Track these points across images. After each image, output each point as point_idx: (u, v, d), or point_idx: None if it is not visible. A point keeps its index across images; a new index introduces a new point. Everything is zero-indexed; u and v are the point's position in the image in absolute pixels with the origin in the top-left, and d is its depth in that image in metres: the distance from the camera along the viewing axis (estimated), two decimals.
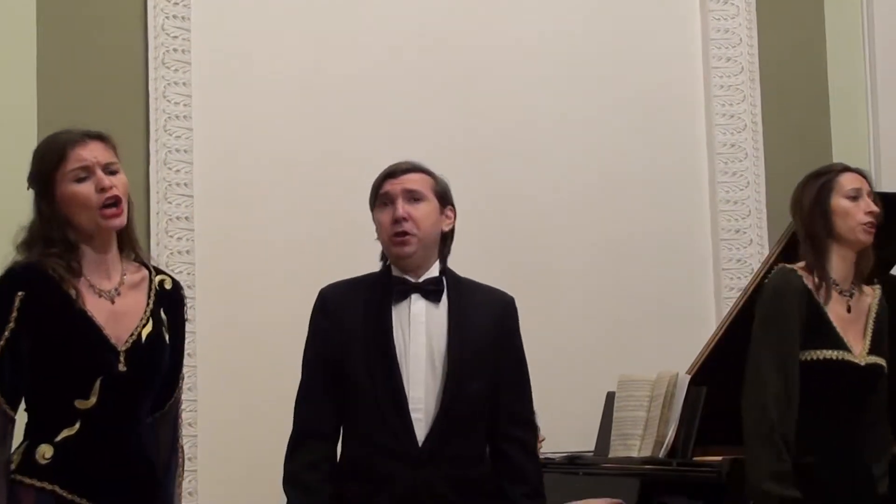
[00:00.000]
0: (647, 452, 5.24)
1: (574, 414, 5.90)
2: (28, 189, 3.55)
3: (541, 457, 5.35)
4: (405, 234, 3.90)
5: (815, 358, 4.17)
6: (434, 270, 4.00)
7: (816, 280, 4.25)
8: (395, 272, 3.97)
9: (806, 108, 6.88)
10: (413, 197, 3.95)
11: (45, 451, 3.39)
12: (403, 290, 3.94)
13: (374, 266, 4.11)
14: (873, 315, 4.34)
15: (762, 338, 4.25)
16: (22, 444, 3.45)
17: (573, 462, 5.61)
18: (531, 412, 4.13)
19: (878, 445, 4.31)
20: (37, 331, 3.40)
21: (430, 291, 3.96)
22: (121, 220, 3.49)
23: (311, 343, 3.98)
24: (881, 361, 4.29)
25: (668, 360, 5.41)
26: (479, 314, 3.98)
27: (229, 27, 5.97)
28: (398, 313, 3.92)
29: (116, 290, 3.52)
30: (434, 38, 6.33)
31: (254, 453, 5.62)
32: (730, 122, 6.74)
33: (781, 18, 6.87)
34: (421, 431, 3.83)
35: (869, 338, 4.30)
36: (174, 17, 5.80)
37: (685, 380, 5.08)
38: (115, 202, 3.46)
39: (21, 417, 3.49)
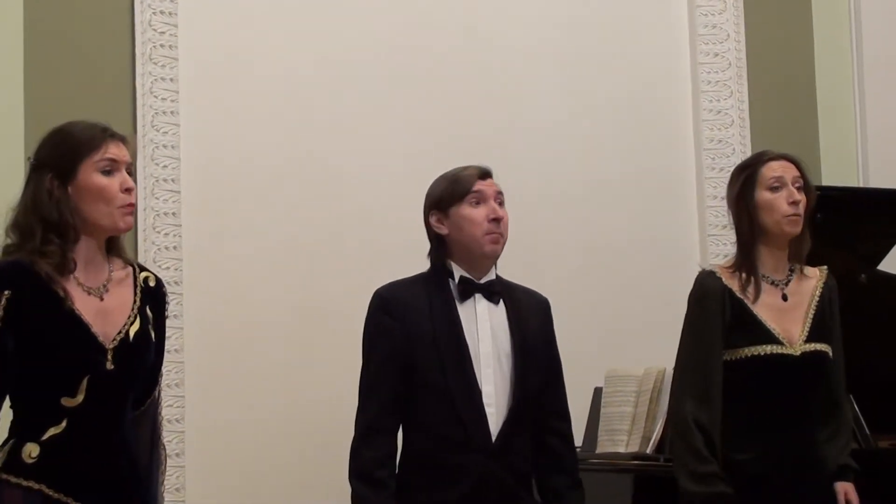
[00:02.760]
0: (634, 448, 5.28)
1: None
2: (34, 166, 3.47)
3: None
4: (500, 234, 4.07)
5: (742, 356, 4.16)
6: (492, 273, 4.15)
7: (743, 277, 4.23)
8: (461, 272, 4.08)
9: (793, 104, 6.87)
10: (501, 200, 4.13)
11: (32, 450, 3.37)
12: (468, 290, 4.06)
13: (363, 262, 4.13)
14: (816, 300, 4.30)
15: (684, 342, 4.27)
16: (7, 442, 3.42)
17: None
18: (568, 406, 4.28)
19: (832, 432, 4.27)
20: (23, 330, 3.36)
21: (493, 293, 4.09)
22: (129, 225, 3.50)
23: (376, 341, 4.05)
24: (822, 347, 4.25)
25: (655, 355, 5.39)
26: (530, 315, 4.17)
27: (216, 23, 5.95)
28: (464, 312, 4.04)
29: (104, 286, 3.50)
30: (423, 40, 6.32)
31: (241, 448, 5.64)
32: (717, 118, 6.72)
33: (769, 14, 6.87)
34: (494, 425, 3.95)
35: (809, 324, 4.26)
36: (161, 12, 5.77)
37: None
38: (132, 206, 3.47)
39: (5, 416, 3.47)
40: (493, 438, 3.94)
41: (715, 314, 4.19)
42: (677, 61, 6.83)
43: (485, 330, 4.04)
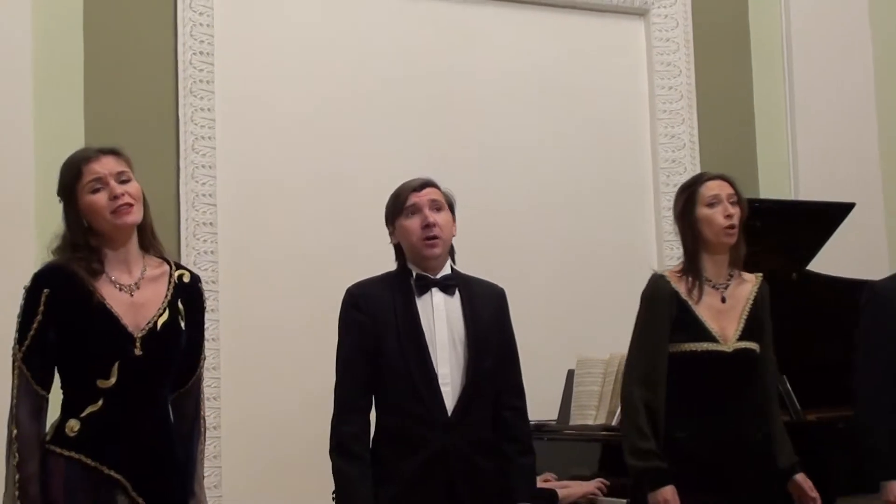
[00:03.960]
0: (601, 421, 5.28)
1: (539, 389, 5.78)
2: (59, 202, 3.54)
3: None
4: (435, 237, 3.98)
5: (683, 350, 4.13)
6: (447, 268, 4.08)
7: (689, 281, 4.21)
8: (417, 270, 4.03)
9: (735, 130, 6.86)
10: (436, 207, 4.04)
11: (74, 425, 3.39)
12: (425, 285, 4.01)
13: (373, 265, 4.13)
14: (750, 303, 4.27)
15: (636, 335, 4.24)
16: (56, 419, 3.44)
17: (539, 430, 5.57)
18: (522, 383, 4.20)
19: (761, 415, 4.25)
20: (61, 322, 3.39)
21: (448, 286, 4.03)
22: (133, 217, 3.49)
23: (348, 333, 4.01)
24: (752, 346, 4.22)
25: (618, 343, 5.33)
26: (483, 304, 4.08)
27: (246, 62, 5.91)
28: (422, 305, 4.00)
29: (136, 284, 3.51)
30: (423, 76, 6.29)
31: (269, 422, 5.62)
32: (671, 142, 6.72)
33: (715, 54, 6.85)
34: (450, 402, 3.91)
35: (742, 324, 4.23)
36: (200, 52, 5.75)
37: None
38: (127, 205, 3.45)
39: (58, 396, 3.48)
40: (450, 413, 3.90)
41: (662, 313, 4.17)
42: (637, 93, 6.81)
43: (440, 319, 3.99)
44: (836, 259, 5.74)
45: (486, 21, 6.51)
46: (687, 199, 4.27)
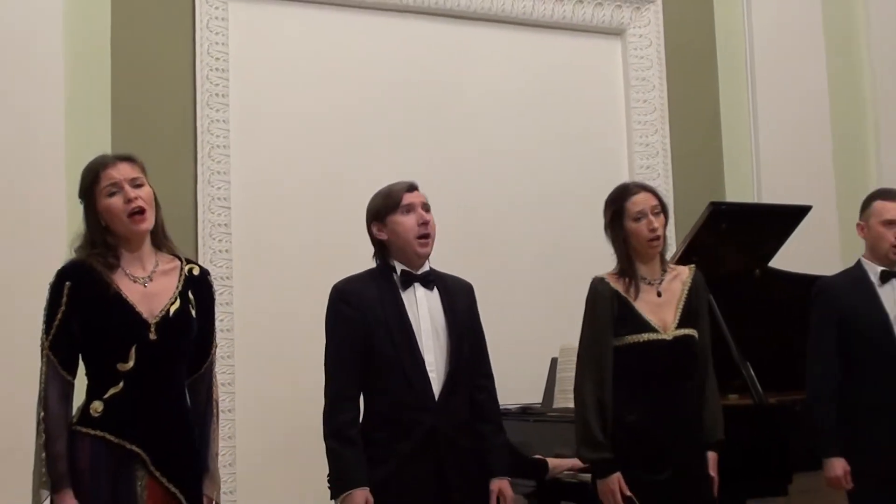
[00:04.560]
0: None
1: (526, 375, 5.87)
2: (80, 203, 3.58)
3: (503, 408, 5.46)
4: (428, 235, 3.99)
5: (627, 342, 4.13)
6: (427, 265, 4.06)
7: (626, 281, 4.22)
8: (401, 266, 4.02)
9: (703, 139, 6.88)
10: (427, 208, 4.04)
11: (97, 406, 3.42)
12: (408, 281, 4.00)
13: (370, 262, 4.15)
14: (685, 293, 4.26)
15: (583, 335, 4.25)
16: (82, 402, 3.47)
17: (526, 412, 5.64)
18: (491, 368, 4.19)
19: (698, 395, 4.25)
20: (83, 311, 3.43)
21: (429, 281, 4.03)
22: (147, 224, 3.52)
23: (338, 326, 3.98)
24: (689, 332, 4.21)
25: None
26: (457, 297, 4.07)
27: (257, 77, 5.94)
28: (407, 299, 3.99)
29: (149, 277, 3.54)
30: (420, 89, 6.31)
31: (279, 405, 5.65)
32: (645, 150, 6.75)
33: (685, 70, 6.87)
34: (436, 387, 3.91)
35: (679, 313, 4.22)
36: (216, 70, 5.78)
37: None
38: (140, 210, 3.48)
39: (82, 382, 3.51)
40: (437, 398, 3.90)
41: (605, 312, 4.18)
42: (615, 105, 6.83)
43: (424, 311, 3.98)
44: (794, 256, 5.75)
45: (478, 39, 6.52)
46: (614, 214, 4.29)
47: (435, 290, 4.05)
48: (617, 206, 4.29)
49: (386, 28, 6.31)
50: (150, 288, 3.54)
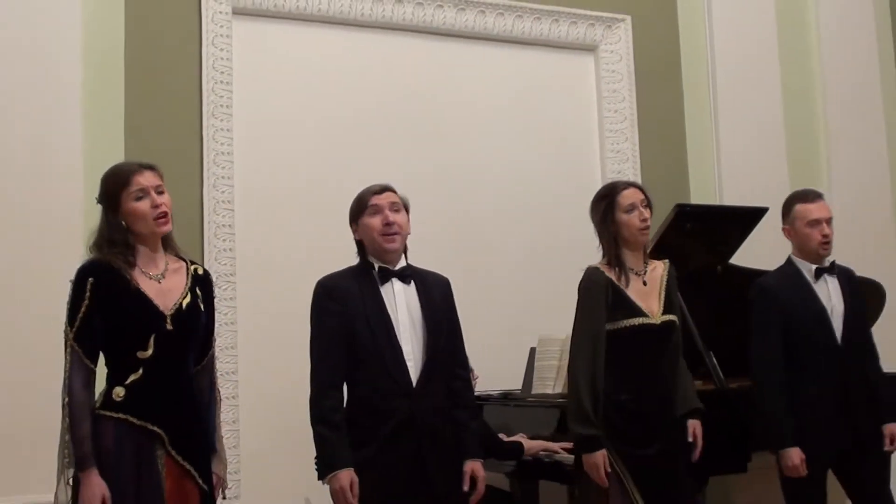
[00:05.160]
0: (559, 390, 5.31)
1: (507, 363, 5.91)
2: (97, 204, 3.62)
3: (481, 392, 5.47)
4: (394, 233, 3.98)
5: (622, 326, 4.19)
6: (403, 261, 4.06)
7: (616, 270, 4.27)
8: (378, 263, 4.02)
9: (669, 146, 6.89)
10: (395, 208, 4.03)
11: (119, 392, 3.47)
12: (386, 276, 4.00)
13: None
14: (664, 284, 4.33)
15: (579, 319, 4.27)
16: (103, 389, 3.52)
17: (506, 397, 5.65)
18: (467, 357, 4.20)
19: (676, 372, 4.32)
20: (105, 305, 3.47)
21: (405, 276, 4.03)
22: (169, 227, 3.60)
23: (322, 319, 3.99)
24: (672, 318, 4.30)
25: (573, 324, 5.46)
26: (434, 291, 4.07)
27: (259, 90, 5.94)
28: (385, 293, 3.98)
29: (162, 274, 3.61)
30: (407, 96, 6.31)
31: (279, 391, 5.63)
32: (616, 156, 6.75)
33: (652, 83, 6.88)
34: (414, 375, 3.91)
35: (662, 301, 4.29)
36: (221, 82, 5.78)
37: None
38: (165, 214, 3.56)
39: (103, 370, 3.55)
40: (414, 385, 3.90)
41: (599, 299, 4.22)
42: (588, 115, 6.84)
43: (401, 304, 3.98)
44: (753, 254, 5.78)
45: (462, 54, 6.53)
46: (606, 207, 4.32)
47: (412, 284, 4.05)
48: (609, 200, 4.33)
49: (376, 44, 6.31)
50: (164, 284, 3.60)
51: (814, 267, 4.83)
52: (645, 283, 4.32)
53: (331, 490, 3.86)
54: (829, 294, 4.81)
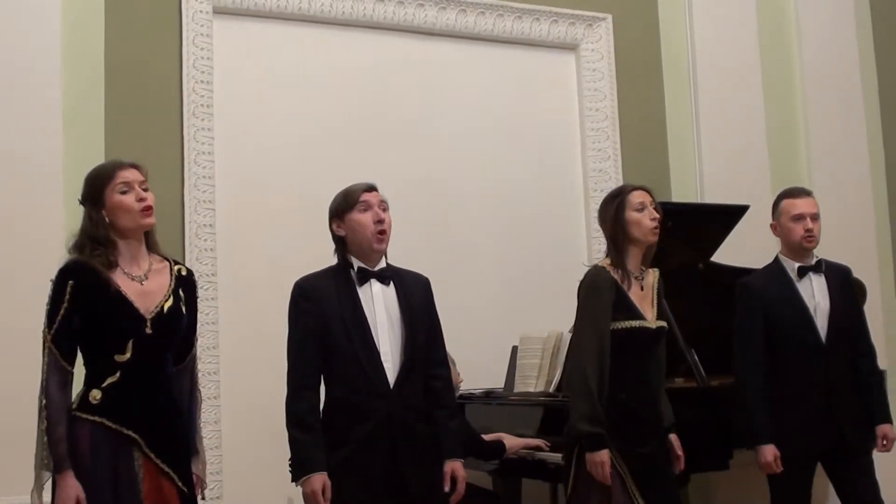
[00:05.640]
0: (541, 388, 5.33)
1: (489, 362, 5.92)
2: (80, 204, 3.60)
3: (464, 392, 5.47)
4: (385, 232, 3.95)
5: (623, 327, 4.19)
6: (383, 262, 4.03)
7: (620, 273, 4.26)
8: (358, 263, 3.98)
9: (651, 144, 6.89)
10: (384, 207, 4.00)
11: (96, 394, 3.45)
12: (364, 277, 3.97)
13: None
14: (655, 290, 4.36)
15: (584, 317, 4.26)
16: (81, 390, 3.50)
17: (488, 396, 5.66)
18: (447, 357, 4.17)
19: (660, 380, 4.35)
20: (84, 307, 3.44)
21: (385, 277, 3.99)
22: (153, 220, 3.59)
23: (298, 320, 3.95)
24: (664, 324, 4.34)
25: (554, 323, 5.46)
26: (413, 291, 4.03)
27: (239, 90, 5.93)
28: (363, 294, 3.95)
29: (145, 275, 3.58)
30: (390, 94, 6.32)
31: (260, 390, 5.51)
32: (598, 154, 6.74)
33: (633, 81, 6.89)
34: (391, 376, 3.87)
35: (655, 307, 4.32)
36: (201, 82, 5.76)
37: (567, 337, 5.11)
38: (149, 208, 3.55)
39: (80, 372, 3.52)
40: (391, 386, 3.86)
41: (606, 298, 4.21)
42: (570, 114, 6.84)
43: (380, 305, 3.94)
44: (734, 251, 5.80)
45: (446, 53, 6.53)
46: (618, 205, 4.32)
47: (391, 284, 4.02)
48: (620, 200, 4.34)
49: (357, 43, 6.31)
50: (146, 286, 3.58)
51: (797, 265, 4.84)
52: (642, 288, 4.34)
53: (303, 493, 3.84)
54: (814, 292, 4.81)
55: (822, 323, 4.75)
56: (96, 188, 3.58)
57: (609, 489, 4.13)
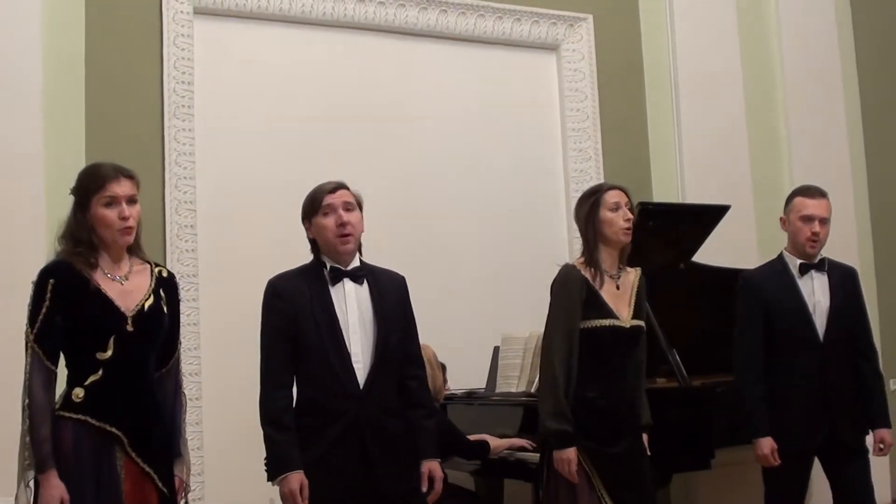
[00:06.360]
0: (522, 388, 5.35)
1: (470, 362, 5.93)
2: (70, 194, 3.60)
3: (449, 393, 5.48)
4: (349, 234, 3.91)
5: (593, 325, 4.17)
6: (357, 260, 3.99)
7: (592, 271, 4.25)
8: (330, 262, 3.96)
9: (632, 145, 6.92)
10: (348, 207, 3.96)
11: (78, 393, 3.45)
12: (337, 276, 3.94)
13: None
14: (635, 290, 4.33)
15: (553, 315, 4.25)
16: (63, 390, 3.49)
17: (470, 396, 5.68)
18: (422, 356, 4.15)
19: (638, 379, 4.33)
20: (66, 306, 3.45)
21: (358, 276, 3.96)
22: (130, 240, 3.58)
23: (270, 319, 3.93)
24: (641, 323, 4.31)
25: (536, 323, 5.38)
26: (388, 290, 3.99)
27: (220, 91, 5.94)
28: (335, 293, 3.92)
29: (126, 276, 3.60)
30: (369, 94, 6.33)
31: (242, 392, 5.52)
32: (579, 155, 6.77)
33: (614, 82, 6.92)
34: (361, 377, 3.84)
35: (632, 307, 4.29)
36: (182, 83, 5.77)
37: None
38: (130, 229, 3.55)
39: (63, 371, 3.51)
40: (361, 386, 3.83)
41: (575, 296, 4.19)
42: (551, 114, 6.86)
43: (352, 305, 3.91)
44: (715, 251, 5.83)
45: (426, 53, 6.55)
46: (593, 204, 4.30)
47: (365, 283, 3.98)
48: (595, 198, 4.32)
49: (338, 43, 6.33)
50: (126, 286, 3.59)
51: (799, 262, 4.84)
52: (618, 287, 4.32)
53: (280, 493, 3.82)
54: (814, 290, 4.80)
55: (820, 321, 4.75)
56: (85, 192, 3.57)
57: (575, 488, 4.13)
